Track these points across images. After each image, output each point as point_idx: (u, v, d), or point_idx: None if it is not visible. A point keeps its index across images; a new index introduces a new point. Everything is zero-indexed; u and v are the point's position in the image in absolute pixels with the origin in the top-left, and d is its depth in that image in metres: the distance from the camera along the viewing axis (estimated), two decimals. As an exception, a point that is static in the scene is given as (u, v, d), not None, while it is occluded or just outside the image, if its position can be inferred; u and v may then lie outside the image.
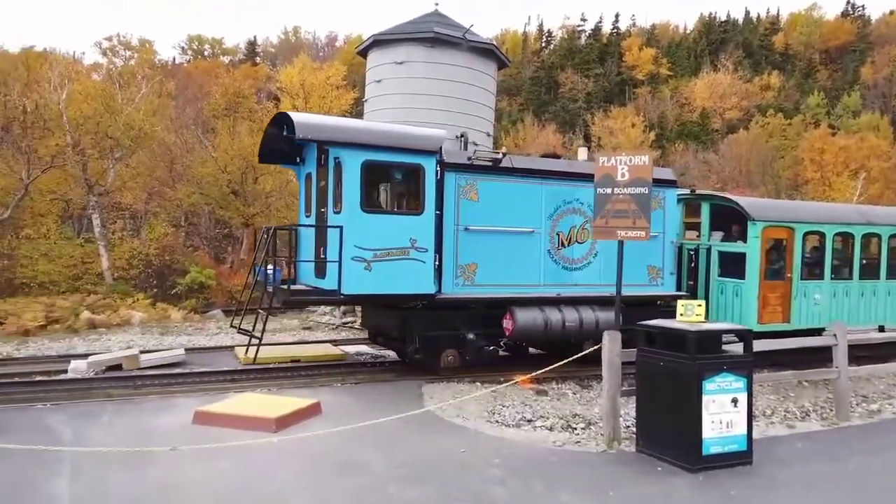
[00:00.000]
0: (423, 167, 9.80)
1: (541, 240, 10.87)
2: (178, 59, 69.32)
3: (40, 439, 6.61)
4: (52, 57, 28.89)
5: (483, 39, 22.12)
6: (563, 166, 11.55)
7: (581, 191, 11.12)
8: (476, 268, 10.35)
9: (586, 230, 11.16)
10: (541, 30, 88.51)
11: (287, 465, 6.26)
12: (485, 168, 10.49)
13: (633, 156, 8.30)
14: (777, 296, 12.02)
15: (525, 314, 10.35)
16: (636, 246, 11.01)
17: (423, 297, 9.98)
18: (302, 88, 34.10)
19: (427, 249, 9.77)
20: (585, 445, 7.28)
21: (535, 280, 10.84)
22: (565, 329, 10.55)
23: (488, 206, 10.41)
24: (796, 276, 12.03)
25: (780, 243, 12.16)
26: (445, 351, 10.34)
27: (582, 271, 11.25)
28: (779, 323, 11.99)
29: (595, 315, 10.82)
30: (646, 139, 54.34)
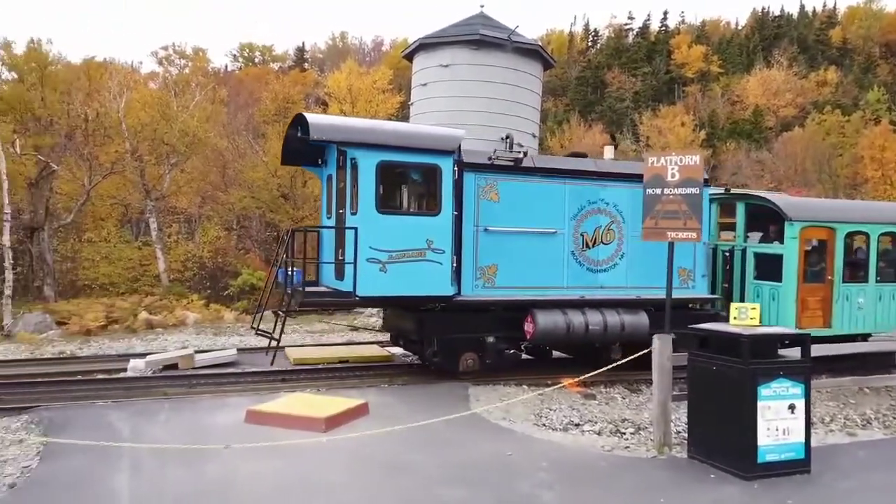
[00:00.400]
0: (439, 167, 9.66)
1: (564, 241, 10.66)
2: (229, 66, 71.11)
3: (101, 435, 6.88)
4: (111, 67, 30.00)
5: (528, 40, 22.00)
6: (588, 165, 11.28)
7: (606, 190, 10.92)
8: (496, 269, 10.20)
9: (612, 231, 10.94)
10: (587, 29, 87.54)
11: (336, 464, 6.35)
12: (505, 168, 10.34)
13: (683, 155, 8.11)
14: (817, 299, 11.53)
15: (546, 317, 10.14)
16: (664, 246, 10.99)
17: (440, 299, 9.84)
18: (349, 93, 34.55)
19: (444, 251, 9.63)
20: (635, 451, 7.17)
21: (558, 282, 10.63)
22: (588, 332, 10.32)
23: (509, 207, 10.26)
24: (838, 278, 11.53)
25: (821, 244, 11.67)
26: (465, 354, 10.20)
27: (608, 273, 10.97)
28: (819, 328, 11.47)
29: (620, 318, 10.54)
30: (696, 138, 53.10)
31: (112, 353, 13.43)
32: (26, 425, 7.69)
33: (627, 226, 11.01)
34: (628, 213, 10.99)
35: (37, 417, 7.91)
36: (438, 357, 10.17)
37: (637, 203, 11.08)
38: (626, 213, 11.00)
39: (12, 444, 6.95)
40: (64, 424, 7.53)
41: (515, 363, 10.71)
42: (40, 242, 22.42)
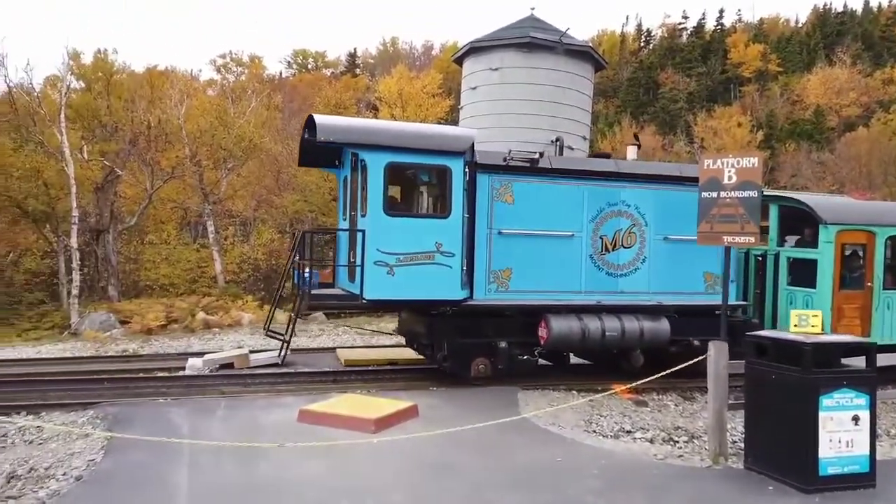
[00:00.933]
0: (449, 168, 9.40)
1: (582, 244, 10.36)
2: (284, 73, 72.73)
3: (162, 431, 7.14)
4: (172, 75, 31.11)
5: (579, 42, 21.81)
6: (608, 166, 10.93)
7: (627, 192, 10.58)
8: (510, 273, 9.99)
9: (633, 234, 10.59)
10: (639, 29, 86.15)
11: (386, 466, 6.42)
12: (521, 169, 10.10)
13: (740, 157, 7.89)
14: (855, 307, 10.94)
15: (560, 322, 9.86)
16: (691, 251, 10.38)
17: (448, 303, 9.66)
18: (399, 97, 34.91)
19: (454, 254, 9.38)
20: (689, 460, 7.01)
21: (575, 286, 10.33)
22: (605, 339, 10.01)
23: (524, 209, 10.03)
24: (878, 285, 10.91)
25: (859, 249, 11.08)
26: (477, 359, 9.98)
27: (628, 278, 10.60)
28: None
29: (640, 325, 10.17)
30: (753, 139, 51.60)
31: (171, 351, 13.90)
32: (92, 420, 8.03)
33: (650, 229, 10.68)
34: (651, 215, 10.68)
35: (102, 413, 8.24)
36: (449, 362, 9.98)
37: (661, 205, 10.86)
38: (649, 215, 10.67)
39: (79, 438, 7.27)
40: (127, 420, 7.83)
41: (532, 369, 10.38)
42: (105, 244, 23.38)
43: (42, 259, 26.37)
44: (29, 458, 6.72)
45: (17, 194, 22.62)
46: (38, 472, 6.30)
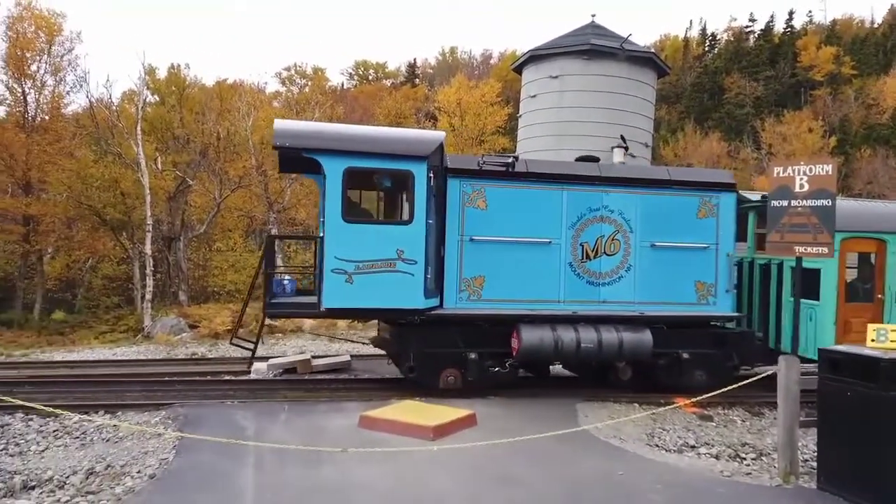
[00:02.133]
0: (412, 173, 9.05)
1: (560, 251, 9.94)
2: (345, 84, 74.27)
3: (229, 433, 7.38)
4: (240, 88, 32.25)
5: (641, 48, 21.47)
6: (590, 170, 10.47)
7: (611, 196, 10.11)
8: (483, 281, 9.68)
9: (617, 241, 10.12)
10: (703, 33, 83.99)
11: (446, 473, 6.44)
12: (495, 174, 9.77)
13: (813, 164, 7.60)
14: (864, 321, 10.00)
15: (532, 333, 9.47)
16: (681, 259, 10.12)
17: (410, 313, 9.32)
18: (458, 107, 35.12)
19: (416, 261, 9.02)
20: (758, 478, 6.77)
21: (553, 296, 9.93)
22: (580, 351, 9.56)
23: (498, 215, 9.70)
24: (890, 297, 10.16)
25: (869, 258, 10.34)
26: (446, 370, 9.65)
27: (611, 287, 10.13)
28: None
29: (619, 336, 9.68)
30: (825, 145, 49.51)
31: (237, 355, 14.33)
32: (164, 420, 8.37)
33: (636, 235, 10.21)
34: (637, 221, 10.21)
35: (173, 413, 8.58)
36: (415, 372, 9.70)
37: (648, 210, 10.37)
38: (635, 221, 10.21)
39: (152, 438, 7.59)
40: (196, 421, 8.13)
41: (511, 381, 10.04)
42: (176, 251, 24.37)
43: (118, 265, 27.73)
44: (106, 455, 7.06)
45: (97, 203, 23.86)
46: (115, 469, 6.61)
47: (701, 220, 10.37)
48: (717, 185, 10.57)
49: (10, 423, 8.38)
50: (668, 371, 10.28)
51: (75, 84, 31.14)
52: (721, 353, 10.40)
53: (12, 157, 28.11)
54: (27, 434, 8.06)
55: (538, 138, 20.07)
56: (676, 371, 10.24)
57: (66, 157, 28.67)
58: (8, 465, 6.87)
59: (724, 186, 10.60)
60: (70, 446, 7.67)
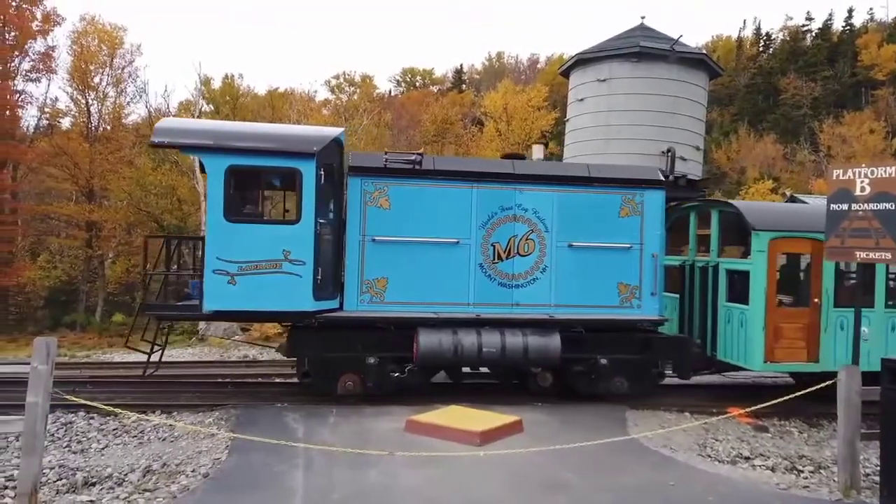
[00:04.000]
0: (299, 171, 8.76)
1: (470, 252, 9.57)
2: (393, 91, 75.03)
3: (279, 434, 7.52)
4: (291, 97, 32.95)
5: (692, 49, 21.06)
6: (503, 167, 10.04)
7: (525, 195, 9.72)
8: (386, 283, 9.36)
9: (531, 241, 9.70)
10: (758, 33, 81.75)
11: (493, 480, 6.42)
12: (399, 172, 9.44)
13: (875, 167, 7.31)
14: (797, 327, 9.51)
15: (430, 337, 9.15)
16: (602, 260, 9.68)
17: (298, 315, 9.03)
18: (504, 111, 35.07)
19: (304, 262, 8.70)
20: (816, 492, 6.53)
21: (462, 298, 9.57)
22: (482, 356, 9.24)
23: (402, 214, 9.39)
24: (827, 301, 9.50)
25: (803, 260, 9.71)
26: (345, 376, 9.31)
27: (525, 289, 9.71)
28: (800, 362, 9.49)
29: (524, 340, 9.31)
30: (888, 147, 47.53)
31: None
32: (217, 421, 8.60)
33: (552, 235, 9.80)
34: (553, 220, 9.81)
35: (226, 414, 8.81)
36: (310, 378, 9.44)
37: (566, 209, 9.87)
38: (550, 220, 9.81)
39: (206, 438, 7.80)
40: (248, 422, 8.32)
41: (423, 387, 9.73)
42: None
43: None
44: (162, 454, 7.30)
45: (155, 209, 24.71)
46: (170, 467, 6.82)
47: (624, 219, 9.93)
48: (642, 182, 10.08)
49: (74, 420, 8.75)
50: (585, 377, 9.90)
51: (135, 95, 32.49)
52: (645, 360, 9.96)
53: (76, 165, 29.43)
54: (88, 432, 8.40)
55: (586, 142, 19.87)
56: (595, 377, 9.83)
57: (127, 165, 29.88)
58: (71, 461, 7.16)
59: (650, 183, 10.12)
60: (128, 445, 7.96)
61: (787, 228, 9.74)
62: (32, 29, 30.62)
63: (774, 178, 46.54)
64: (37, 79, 31.99)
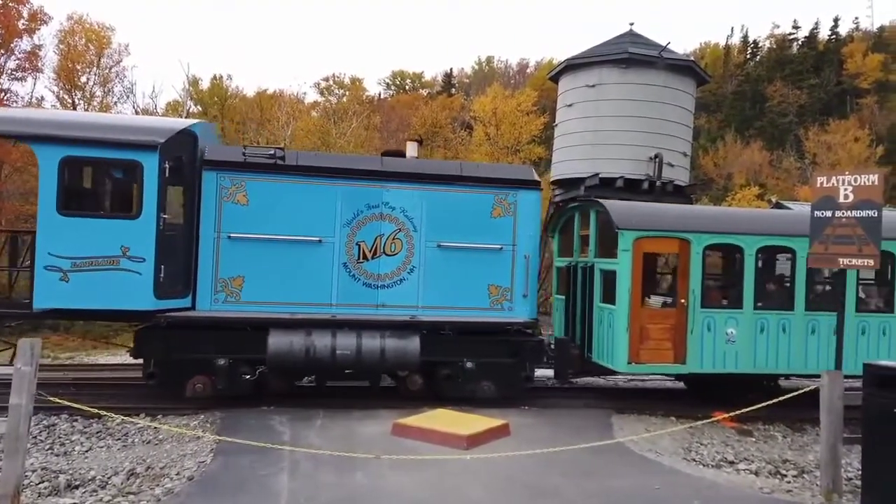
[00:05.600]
0: (140, 164, 8.40)
1: (333, 251, 9.34)
2: (382, 93, 75.00)
3: (265, 437, 7.48)
4: (280, 99, 32.88)
5: (680, 56, 21.26)
6: (371, 164, 9.85)
7: (392, 193, 9.50)
8: (243, 282, 9.09)
9: (399, 240, 9.50)
10: (745, 41, 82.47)
11: (479, 483, 6.42)
12: (258, 166, 9.17)
13: (858, 174, 7.43)
14: (663, 328, 9.47)
15: (281, 338, 8.90)
16: (472, 261, 9.53)
17: (137, 314, 8.67)
18: (494, 116, 35.16)
19: (144, 259, 8.36)
20: (798, 495, 6.59)
21: (324, 298, 9.33)
22: (336, 358, 8.99)
23: (261, 211, 9.12)
24: (694, 302, 9.47)
25: (671, 260, 9.67)
26: (194, 378, 9.00)
27: (391, 290, 9.50)
28: (667, 363, 9.46)
29: (381, 343, 9.07)
30: (872, 155, 48.13)
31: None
32: (202, 424, 8.54)
33: (420, 235, 9.59)
34: (422, 219, 9.60)
35: (211, 417, 8.74)
36: (156, 380, 9.04)
37: (435, 208, 9.58)
38: (419, 219, 9.60)
39: (191, 441, 7.74)
40: (233, 425, 8.26)
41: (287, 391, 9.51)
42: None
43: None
44: (147, 457, 7.24)
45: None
46: (155, 470, 6.77)
47: (496, 220, 9.74)
48: (516, 182, 9.88)
49: (57, 423, 8.66)
50: (452, 381, 9.66)
51: (122, 95, 32.28)
52: (514, 363, 9.74)
53: (62, 165, 29.10)
54: (72, 434, 8.31)
55: (575, 147, 19.99)
56: (461, 381, 9.60)
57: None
58: (53, 464, 7.09)
59: (524, 184, 9.90)
60: (112, 447, 7.89)
61: (652, 228, 9.63)
62: (19, 27, 30.38)
63: (761, 184, 46.98)
64: (22, 77, 31.76)
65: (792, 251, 9.87)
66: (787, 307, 9.81)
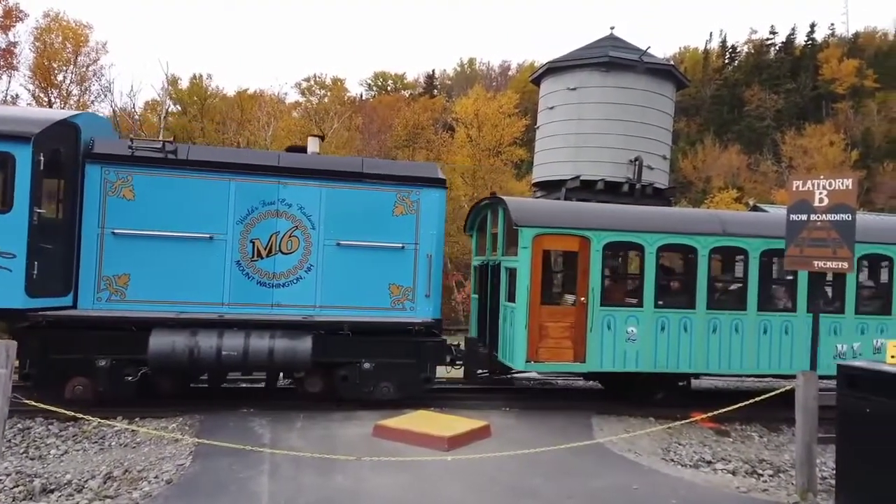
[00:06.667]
0: (13, 156, 8.08)
1: (226, 248, 9.10)
2: (364, 94, 74.83)
3: (245, 440, 7.44)
4: (261, 98, 32.66)
5: (660, 60, 21.48)
6: (262, 159, 9.67)
7: (289, 190, 9.28)
8: (128, 280, 8.81)
9: (295, 238, 9.29)
10: (724, 45, 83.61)
11: (459, 484, 6.44)
12: (146, 160, 8.87)
13: (833, 178, 7.55)
14: (563, 326, 9.39)
15: (162, 338, 8.55)
16: (373, 260, 9.41)
17: (6, 314, 8.34)
18: (476, 117, 35.24)
19: (14, 255, 8.02)
20: (774, 494, 6.69)
21: (216, 297, 9.07)
22: (222, 360, 8.67)
23: (148, 206, 8.84)
24: (594, 300, 9.40)
25: (571, 257, 9.67)
26: (74, 379, 8.64)
27: (287, 289, 9.27)
28: (566, 362, 9.44)
29: (270, 343, 8.77)
30: (847, 159, 49.01)
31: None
32: (181, 426, 8.44)
33: (318, 233, 9.39)
34: (320, 217, 9.40)
35: (190, 420, 8.65)
36: (32, 381, 8.68)
37: (335, 206, 9.42)
38: (317, 217, 9.39)
39: (169, 444, 7.66)
40: (213, 428, 8.19)
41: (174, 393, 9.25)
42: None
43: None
44: (124, 460, 7.15)
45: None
46: (132, 473, 6.68)
47: (398, 218, 9.58)
48: (419, 179, 9.69)
49: (31, 426, 8.51)
50: (349, 382, 9.44)
51: (100, 93, 31.84)
52: (414, 363, 9.52)
53: (37, 164, 28.66)
54: (47, 438, 8.18)
55: (556, 150, 20.12)
56: (359, 382, 9.39)
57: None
58: (28, 467, 6.98)
59: (428, 181, 9.70)
60: (89, 451, 7.77)
61: (552, 225, 9.52)
62: (-7, 24, 29.88)
63: (739, 187, 47.63)
64: (-3, 75, 31.22)
65: (693, 250, 9.81)
66: (688, 306, 9.75)
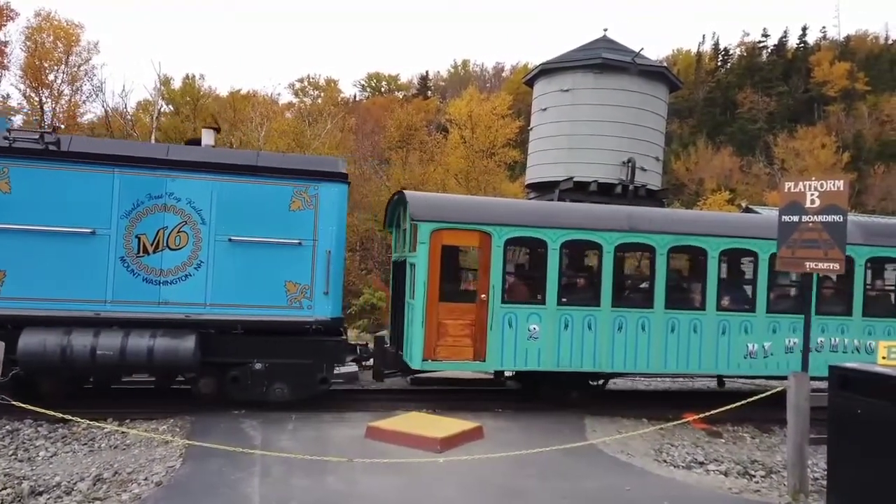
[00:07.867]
0: None
1: (109, 244, 8.72)
2: (358, 95, 74.74)
3: (236, 441, 7.39)
4: (254, 99, 32.57)
5: (653, 62, 21.55)
6: (148, 151, 9.33)
7: (178, 183, 8.92)
8: (3, 277, 8.46)
9: (184, 233, 8.91)
10: (716, 48, 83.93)
11: (452, 486, 6.42)
12: (23, 151, 8.53)
13: (824, 180, 7.56)
14: (463, 323, 9.19)
15: (32, 338, 8.23)
16: (268, 256, 9.03)
17: None
18: (469, 119, 35.25)
19: None
20: (766, 495, 6.70)
21: (98, 295, 8.67)
22: (97, 360, 8.34)
23: (25, 199, 8.49)
24: (495, 297, 9.20)
25: (472, 253, 9.51)
26: None
27: (176, 286, 8.90)
28: (466, 360, 9.25)
29: (150, 343, 8.44)
30: (838, 161, 49.30)
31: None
32: (172, 428, 8.39)
33: (209, 228, 9.02)
34: (211, 212, 9.03)
35: (181, 422, 8.61)
36: None
37: (227, 200, 9.07)
38: (208, 212, 9.03)
39: (160, 445, 7.61)
40: (204, 430, 8.14)
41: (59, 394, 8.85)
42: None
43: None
44: (114, 462, 7.09)
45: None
46: (122, 476, 6.63)
47: (295, 213, 9.22)
48: (318, 174, 9.35)
49: (20, 428, 8.43)
50: (239, 383, 9.17)
51: (91, 93, 31.67)
52: (310, 364, 9.26)
53: (28, 164, 28.47)
54: (36, 440, 8.10)
55: (549, 151, 20.15)
56: (250, 383, 9.14)
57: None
58: (16, 470, 6.91)
59: (327, 176, 9.37)
60: (78, 453, 7.71)
61: (451, 220, 9.28)
62: (-16, 23, 29.67)
63: (731, 189, 47.82)
64: (-13, 74, 31.00)
65: (598, 246, 9.61)
66: (593, 304, 9.57)
